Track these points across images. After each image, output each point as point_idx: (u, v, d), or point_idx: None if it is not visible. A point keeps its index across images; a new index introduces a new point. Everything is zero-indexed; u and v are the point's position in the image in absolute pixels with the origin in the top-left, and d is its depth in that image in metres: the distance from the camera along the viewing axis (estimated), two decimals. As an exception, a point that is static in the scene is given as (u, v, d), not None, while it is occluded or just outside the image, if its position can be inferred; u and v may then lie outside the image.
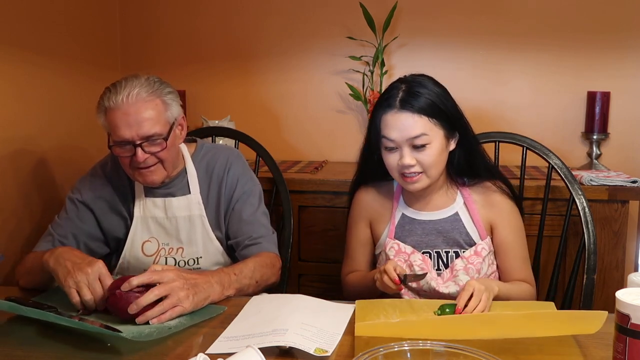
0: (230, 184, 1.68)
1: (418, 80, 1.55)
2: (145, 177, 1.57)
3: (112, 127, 1.52)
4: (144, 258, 1.65)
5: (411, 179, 1.53)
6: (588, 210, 1.83)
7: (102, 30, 2.62)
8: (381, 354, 1.02)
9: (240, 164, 1.73)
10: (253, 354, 1.01)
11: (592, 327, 1.20)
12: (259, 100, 2.71)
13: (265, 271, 1.57)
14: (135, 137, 1.51)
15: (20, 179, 2.03)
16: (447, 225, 1.61)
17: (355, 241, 1.70)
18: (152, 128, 1.52)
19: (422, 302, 1.43)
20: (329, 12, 2.63)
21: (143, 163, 1.53)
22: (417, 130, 1.49)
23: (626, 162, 2.48)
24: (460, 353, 1.03)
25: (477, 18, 2.55)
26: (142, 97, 1.51)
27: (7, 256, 1.91)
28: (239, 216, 1.67)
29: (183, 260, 1.65)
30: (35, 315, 1.26)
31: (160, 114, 1.54)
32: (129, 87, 1.51)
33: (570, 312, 1.24)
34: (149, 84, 1.54)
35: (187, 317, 1.33)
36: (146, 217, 1.65)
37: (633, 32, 2.46)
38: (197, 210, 1.66)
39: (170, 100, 1.58)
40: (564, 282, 2.03)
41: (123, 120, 1.50)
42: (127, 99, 1.50)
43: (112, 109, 1.51)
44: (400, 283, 1.38)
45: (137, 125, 1.50)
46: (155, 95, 1.54)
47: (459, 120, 1.57)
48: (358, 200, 1.71)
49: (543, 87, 2.55)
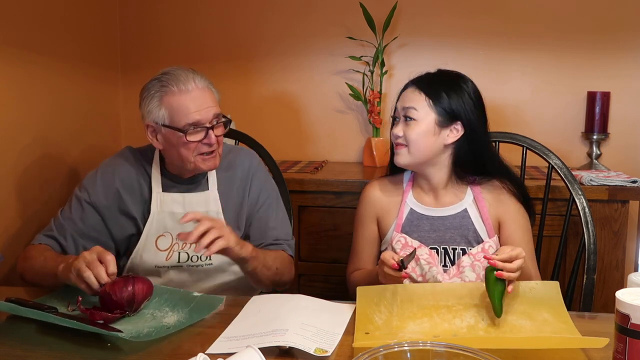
0: (255, 191, 1.73)
1: (446, 72, 1.65)
2: (208, 162, 1.61)
3: (183, 110, 1.54)
4: (157, 253, 1.65)
5: (397, 148, 1.60)
6: (588, 210, 1.83)
7: (102, 30, 2.62)
8: (381, 354, 1.01)
9: (262, 169, 1.80)
10: (253, 354, 1.01)
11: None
12: (259, 100, 2.71)
13: (283, 266, 1.65)
14: (208, 120, 1.56)
15: (21, 179, 2.03)
16: (455, 221, 1.62)
17: (361, 239, 1.71)
18: (218, 109, 1.59)
19: (422, 289, 1.40)
20: (329, 12, 2.63)
21: (213, 146, 1.58)
22: (410, 103, 1.59)
23: (626, 162, 2.48)
24: (460, 353, 1.03)
25: (477, 18, 2.55)
26: (205, 82, 1.59)
27: (7, 256, 1.91)
28: (266, 223, 1.72)
29: (196, 256, 1.66)
30: (34, 316, 1.27)
31: (216, 100, 1.62)
32: (190, 75, 1.57)
33: (574, 339, 1.24)
34: (200, 74, 1.60)
35: (186, 316, 1.33)
36: (163, 212, 1.65)
37: (633, 32, 2.46)
38: (214, 206, 1.68)
39: (215, 91, 1.65)
40: (564, 282, 2.02)
41: (195, 103, 1.54)
42: (194, 84, 1.56)
43: (179, 92, 1.54)
44: (399, 268, 1.36)
45: (208, 109, 1.56)
46: (210, 84, 1.62)
47: (467, 116, 1.58)
48: (366, 196, 1.72)
49: (543, 87, 2.55)
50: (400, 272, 1.37)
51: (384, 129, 2.63)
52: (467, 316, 1.32)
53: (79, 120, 2.35)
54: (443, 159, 1.62)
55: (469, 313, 1.33)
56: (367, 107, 2.55)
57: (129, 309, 1.32)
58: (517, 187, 1.66)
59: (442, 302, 1.36)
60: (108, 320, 1.28)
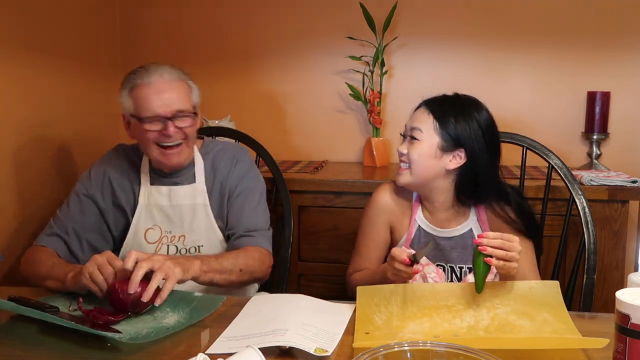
0: (236, 178, 1.73)
1: (462, 97, 1.63)
2: (171, 158, 1.64)
3: (143, 102, 1.59)
4: (146, 245, 1.68)
5: (400, 169, 1.62)
6: (588, 210, 1.83)
7: (102, 29, 2.62)
8: (381, 354, 1.01)
9: (247, 160, 1.79)
10: (253, 354, 1.01)
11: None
12: (259, 100, 2.71)
13: (252, 263, 1.60)
14: (167, 112, 1.59)
15: (21, 179, 2.03)
16: (461, 241, 1.63)
17: (369, 241, 1.70)
18: (183, 105, 1.61)
19: (422, 289, 1.39)
20: (329, 12, 2.63)
21: (172, 139, 1.60)
22: (417, 123, 1.59)
23: (626, 162, 2.48)
24: (460, 353, 1.03)
25: (477, 18, 2.55)
26: (174, 76, 1.63)
27: (7, 256, 1.91)
28: (240, 209, 1.71)
29: (185, 248, 1.68)
30: (35, 316, 1.27)
31: (187, 95, 1.64)
32: (160, 69, 1.62)
33: (574, 339, 1.24)
34: (176, 68, 1.66)
35: (186, 316, 1.33)
36: (150, 205, 1.69)
37: (633, 32, 2.46)
38: (201, 199, 1.70)
39: (192, 85, 1.68)
40: (564, 282, 2.02)
41: (156, 95, 1.58)
42: (160, 77, 1.60)
43: (143, 85, 1.59)
44: (411, 263, 1.36)
45: (169, 101, 1.59)
46: (183, 78, 1.65)
47: (471, 145, 1.56)
48: (378, 201, 1.71)
49: (543, 87, 2.55)
50: (412, 268, 1.36)
51: (384, 129, 2.63)
52: (467, 316, 1.32)
53: (79, 120, 2.35)
54: (445, 184, 1.61)
55: (469, 313, 1.33)
56: (367, 107, 2.55)
57: (132, 310, 1.32)
58: (522, 216, 1.62)
59: (442, 302, 1.36)
60: (109, 322, 1.28)
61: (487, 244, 1.32)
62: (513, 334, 1.27)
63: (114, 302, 1.32)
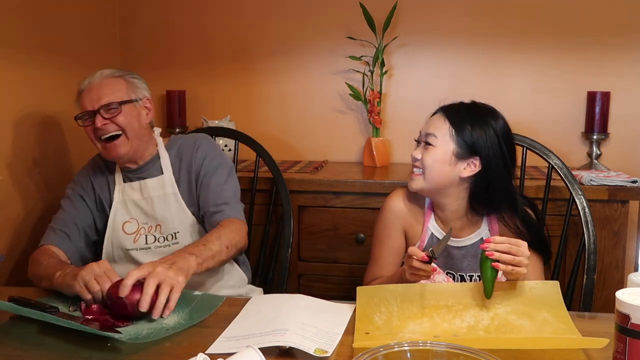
0: (199, 160, 1.78)
1: (479, 105, 1.62)
2: (110, 150, 1.70)
3: (80, 104, 1.71)
4: (124, 236, 1.75)
5: (413, 174, 1.59)
6: (588, 210, 1.83)
7: (102, 30, 2.62)
8: (381, 354, 1.01)
9: (207, 143, 1.84)
10: (253, 354, 1.01)
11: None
12: (259, 100, 2.71)
13: (233, 236, 1.64)
14: (94, 106, 1.67)
15: (21, 179, 2.03)
16: (472, 250, 1.61)
17: (385, 248, 1.68)
18: (110, 98, 1.68)
19: (422, 289, 1.39)
20: (329, 12, 2.63)
21: (104, 131, 1.67)
22: (432, 129, 1.57)
23: (626, 162, 2.48)
24: (460, 353, 1.03)
25: (477, 18, 2.55)
26: (106, 75, 1.72)
27: (8, 256, 1.91)
28: (207, 187, 1.76)
29: (162, 237, 1.74)
30: (35, 316, 1.27)
31: (121, 89, 1.71)
32: (98, 72, 1.72)
33: (574, 339, 1.24)
34: (116, 69, 1.75)
35: (186, 317, 1.33)
36: (125, 201, 1.77)
37: (633, 32, 2.46)
38: (170, 188, 1.76)
39: (135, 80, 1.76)
40: (564, 282, 2.03)
41: (87, 94, 1.69)
42: (93, 79, 1.71)
43: (82, 91, 1.71)
44: (429, 260, 1.35)
45: (97, 96, 1.68)
46: (119, 75, 1.73)
47: (487, 153, 1.54)
48: (392, 207, 1.69)
49: (543, 87, 2.55)
50: (430, 265, 1.36)
51: (384, 129, 2.63)
52: (467, 316, 1.32)
53: (79, 120, 2.35)
54: (459, 192, 1.59)
55: (469, 313, 1.33)
56: (367, 107, 2.55)
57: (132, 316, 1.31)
58: (530, 230, 1.59)
59: (442, 302, 1.35)
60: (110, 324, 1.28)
61: (493, 249, 1.31)
62: (513, 334, 1.27)
63: (113, 308, 1.32)
